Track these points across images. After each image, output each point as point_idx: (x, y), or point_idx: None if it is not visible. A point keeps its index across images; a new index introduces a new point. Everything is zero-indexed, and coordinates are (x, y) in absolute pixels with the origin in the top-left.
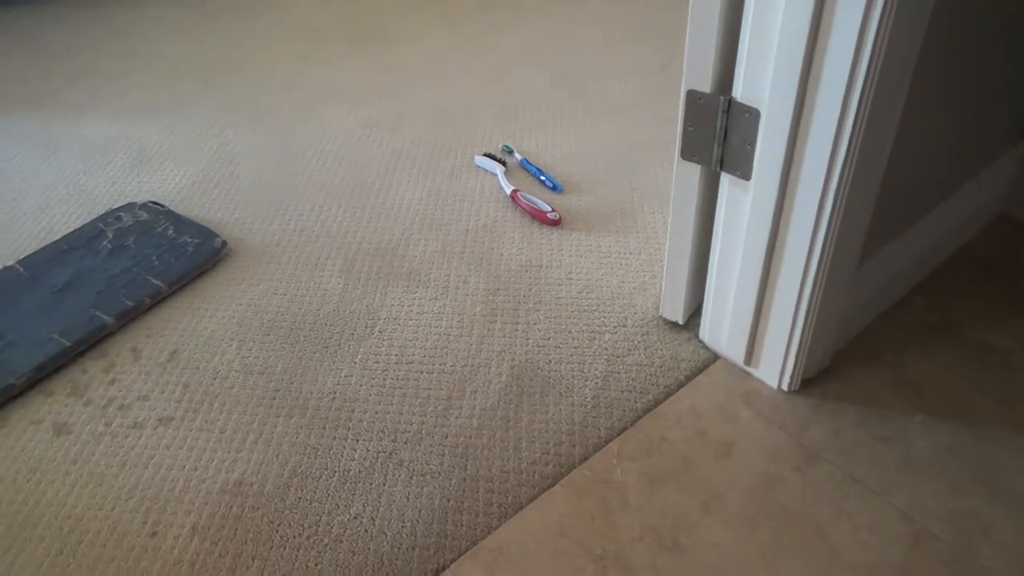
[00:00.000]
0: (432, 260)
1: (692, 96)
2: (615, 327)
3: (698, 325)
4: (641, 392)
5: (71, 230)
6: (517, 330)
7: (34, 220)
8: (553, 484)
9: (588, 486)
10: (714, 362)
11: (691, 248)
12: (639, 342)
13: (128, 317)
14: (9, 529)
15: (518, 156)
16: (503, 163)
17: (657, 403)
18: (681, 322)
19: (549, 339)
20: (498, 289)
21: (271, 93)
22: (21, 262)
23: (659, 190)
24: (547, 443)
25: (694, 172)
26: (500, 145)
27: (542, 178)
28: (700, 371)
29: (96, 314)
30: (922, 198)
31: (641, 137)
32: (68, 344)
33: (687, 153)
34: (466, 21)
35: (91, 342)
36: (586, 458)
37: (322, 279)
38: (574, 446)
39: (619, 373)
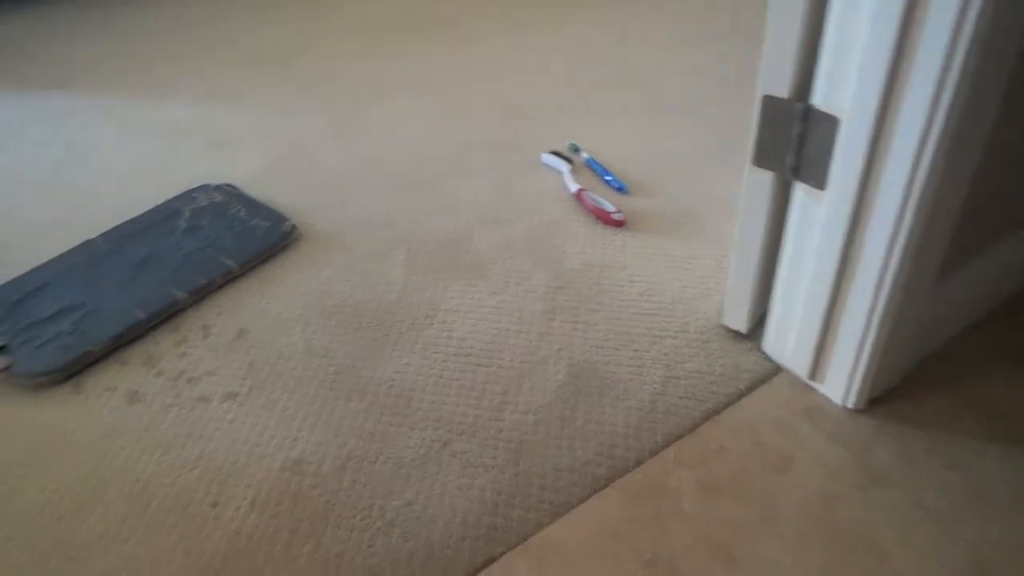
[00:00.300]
0: (494, 255)
1: (768, 101)
2: (676, 332)
3: (761, 335)
4: (700, 400)
5: (149, 208)
6: (576, 329)
7: (114, 196)
8: (606, 486)
9: (642, 490)
10: (776, 374)
11: (758, 256)
12: (700, 349)
13: (200, 294)
14: (82, 490)
15: (584, 155)
16: (569, 161)
17: (716, 412)
18: (744, 331)
19: (608, 340)
20: (559, 287)
21: (343, 84)
22: (103, 236)
23: (726, 195)
24: (602, 444)
25: (766, 179)
26: (567, 143)
27: (608, 178)
28: (762, 382)
29: (171, 290)
30: (1009, 213)
31: (709, 140)
32: (144, 316)
33: (760, 160)
34: (534, 18)
35: (165, 316)
36: (640, 462)
37: (386, 268)
38: (629, 449)
39: (678, 379)
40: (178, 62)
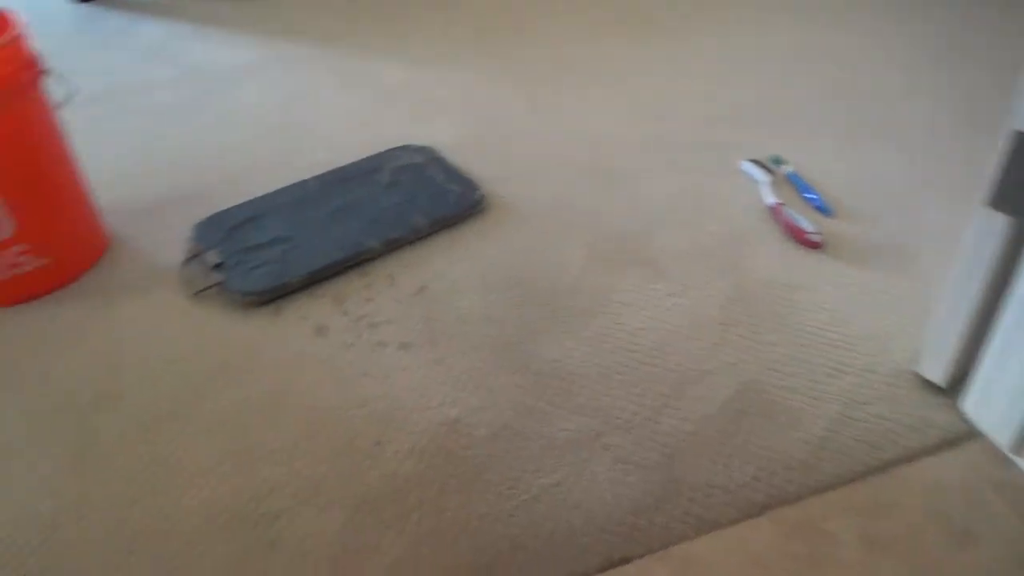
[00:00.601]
0: (676, 255)
1: (1020, 139)
2: (861, 370)
3: (960, 392)
4: (877, 447)
5: (357, 159)
6: (752, 346)
7: (327, 144)
8: (760, 514)
9: (798, 527)
10: (972, 438)
11: (974, 307)
12: (885, 393)
13: (391, 246)
14: (266, 404)
15: (787, 168)
16: (770, 172)
17: (894, 464)
18: (941, 384)
19: (785, 365)
20: (740, 299)
21: (548, 65)
22: (315, 179)
23: (941, 231)
24: (762, 469)
25: (999, 224)
26: (768, 153)
27: (809, 196)
28: (953, 444)
29: (365, 238)
30: None
31: (928, 169)
32: (339, 258)
33: (997, 202)
34: (742, 20)
35: (357, 261)
36: (801, 498)
37: (566, 251)
38: (791, 481)
39: (855, 420)
40: (399, 24)
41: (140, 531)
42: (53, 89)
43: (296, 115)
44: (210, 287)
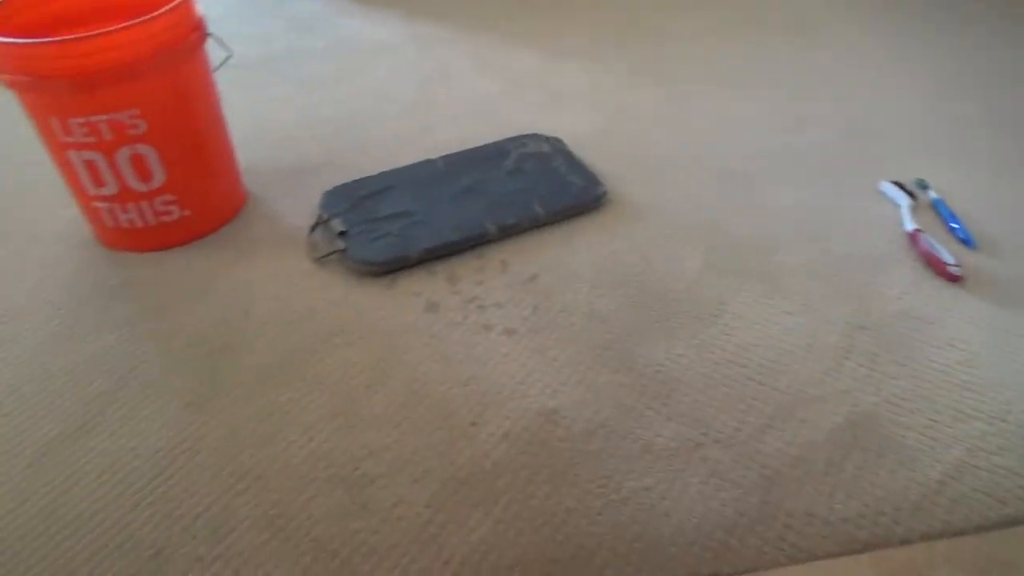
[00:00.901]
0: (799, 273)
1: None
2: (991, 417)
3: None
4: (1000, 501)
5: (484, 143)
6: (871, 377)
7: (457, 126)
8: (861, 551)
9: (900, 573)
10: None
11: None
12: (1017, 445)
13: (507, 232)
14: (373, 371)
15: (932, 194)
16: (912, 196)
17: (1017, 522)
18: None
19: (905, 401)
20: (863, 327)
21: (684, 64)
22: (443, 158)
23: None
24: (867, 507)
25: None
26: (913, 177)
27: (954, 225)
28: None
29: (484, 221)
30: None
31: None
32: (457, 239)
33: None
34: (901, 34)
35: (473, 243)
36: (907, 542)
37: (682, 255)
38: (898, 523)
39: (978, 469)
40: (541, 19)
41: (246, 474)
42: (213, 52)
43: (430, 95)
44: (332, 253)
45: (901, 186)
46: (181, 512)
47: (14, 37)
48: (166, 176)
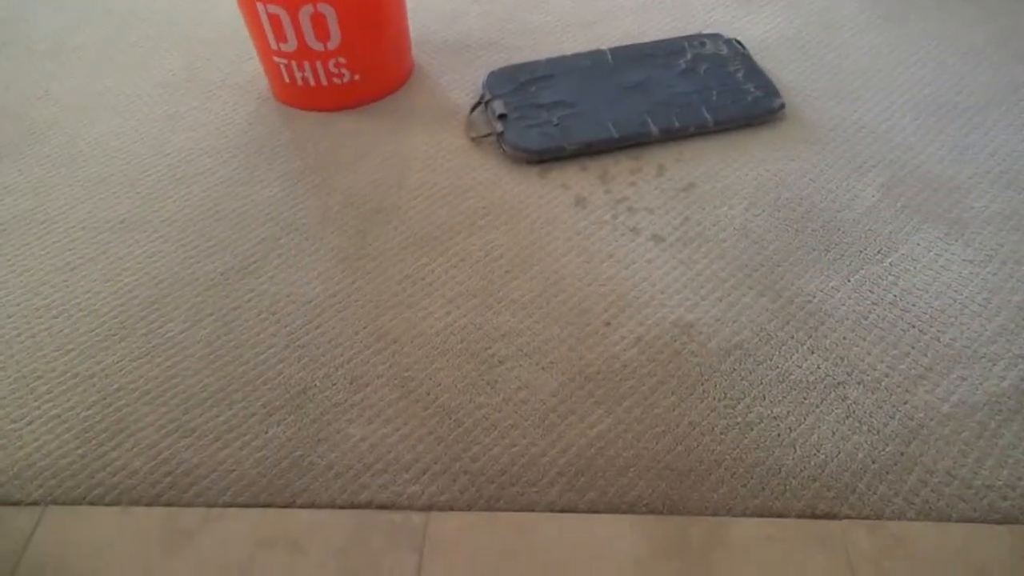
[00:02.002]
0: (991, 219)
1: None
2: None
3: None
4: None
5: (659, 38)
6: None
7: (633, 17)
8: (1000, 522)
9: None
10: None
11: None
12: None
13: (670, 135)
14: (514, 256)
15: None
16: None
17: None
18: None
19: None
20: None
21: None
22: (612, 51)
23: None
24: (1018, 478)
25: None
26: None
27: None
28: None
29: (647, 120)
30: None
31: None
32: (616, 136)
33: None
34: None
35: (632, 143)
36: None
37: (858, 184)
38: None
39: None
40: None
41: (385, 335)
42: None
43: None
44: (489, 135)
45: None
46: (326, 359)
47: None
48: (342, 38)
